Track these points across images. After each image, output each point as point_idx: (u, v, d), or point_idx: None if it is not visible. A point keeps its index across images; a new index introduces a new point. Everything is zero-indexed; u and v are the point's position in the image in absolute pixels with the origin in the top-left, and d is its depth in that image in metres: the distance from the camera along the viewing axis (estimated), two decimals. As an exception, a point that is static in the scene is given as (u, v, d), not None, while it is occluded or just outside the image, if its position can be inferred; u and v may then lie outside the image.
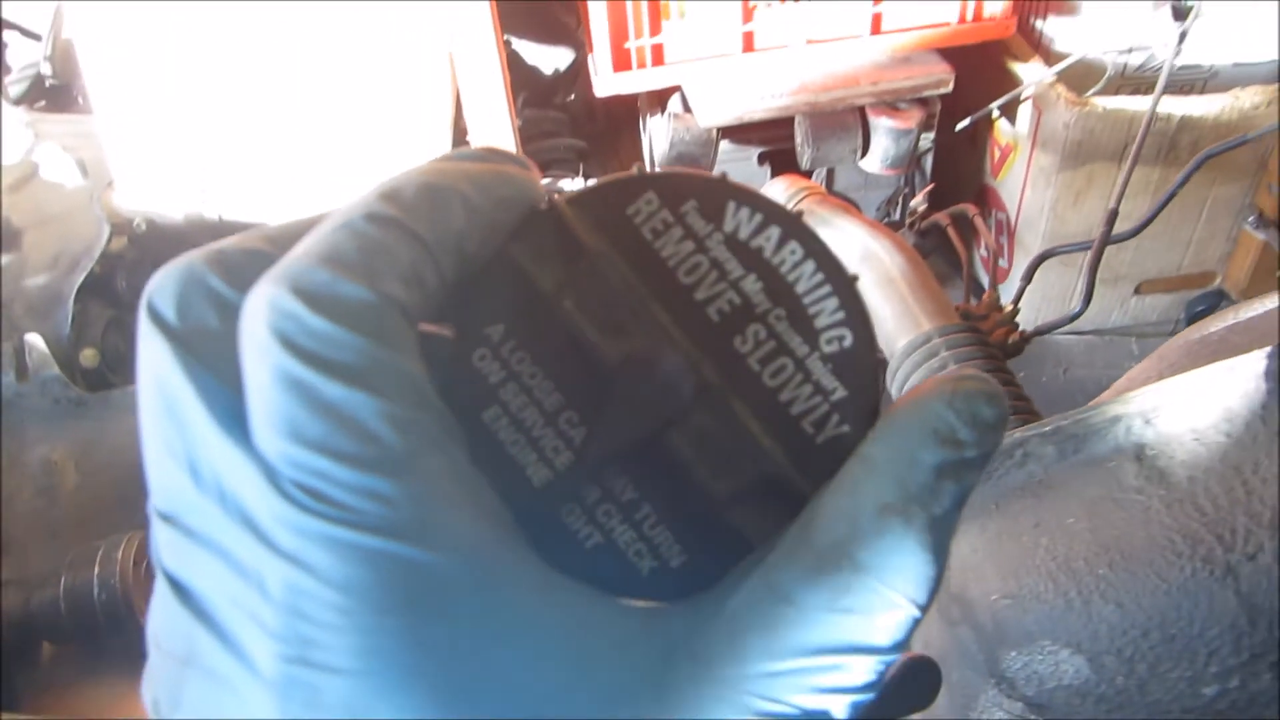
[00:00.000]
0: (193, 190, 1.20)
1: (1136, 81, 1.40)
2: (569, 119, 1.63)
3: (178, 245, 1.24)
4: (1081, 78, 1.37)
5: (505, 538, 0.18)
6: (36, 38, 1.48)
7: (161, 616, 0.18)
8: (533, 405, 0.21)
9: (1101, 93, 1.34)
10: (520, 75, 1.55)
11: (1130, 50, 1.37)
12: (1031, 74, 1.38)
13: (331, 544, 0.16)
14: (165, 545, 0.18)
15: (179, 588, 0.17)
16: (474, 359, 0.21)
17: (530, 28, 1.57)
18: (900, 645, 0.19)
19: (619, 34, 1.31)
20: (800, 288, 0.21)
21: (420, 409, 0.17)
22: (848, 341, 0.21)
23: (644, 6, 1.29)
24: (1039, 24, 1.43)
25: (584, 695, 0.17)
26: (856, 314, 0.21)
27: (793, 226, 0.21)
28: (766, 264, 0.21)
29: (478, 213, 0.20)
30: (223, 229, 1.19)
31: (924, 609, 0.18)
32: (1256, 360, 0.44)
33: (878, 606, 0.18)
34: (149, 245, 1.17)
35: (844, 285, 0.21)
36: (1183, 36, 1.11)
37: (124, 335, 1.11)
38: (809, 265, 0.21)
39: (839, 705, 0.18)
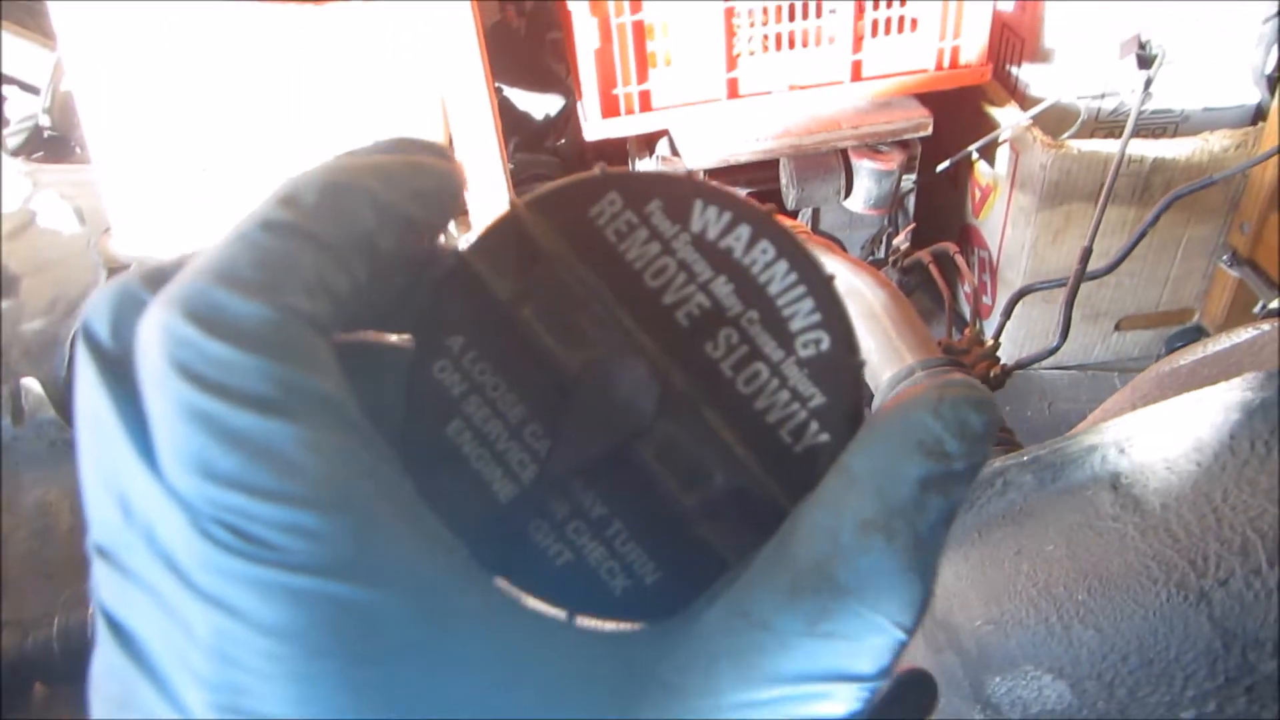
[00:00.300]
0: (193, 171, 1.22)
1: (1110, 125, 1.44)
2: (560, 162, 1.66)
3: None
4: (1057, 121, 1.41)
5: (449, 565, 0.17)
6: (35, 91, 1.51)
7: (100, 659, 0.17)
8: (496, 418, 0.20)
9: (1076, 136, 1.38)
10: (511, 120, 1.58)
11: (1102, 95, 1.41)
12: (1008, 118, 1.42)
13: (256, 585, 0.15)
14: (102, 582, 0.17)
15: (116, 627, 0.16)
16: (434, 370, 0.20)
17: (521, 76, 1.61)
18: (885, 671, 0.17)
19: (607, 81, 1.34)
20: (773, 289, 0.20)
21: (341, 431, 0.16)
22: (825, 344, 0.20)
23: (631, 54, 1.33)
24: (1014, 70, 1.47)
25: None
26: (834, 315, 0.20)
27: (764, 225, 0.20)
28: (737, 264, 0.20)
29: (389, 209, 0.18)
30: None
31: (910, 632, 0.17)
32: (1224, 392, 0.46)
33: (861, 631, 0.17)
34: (144, 289, 1.18)
35: (820, 285, 0.20)
36: (1148, 83, 1.15)
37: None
38: (781, 265, 0.20)
39: None
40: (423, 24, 1.18)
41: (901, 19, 1.37)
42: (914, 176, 1.45)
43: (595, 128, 1.39)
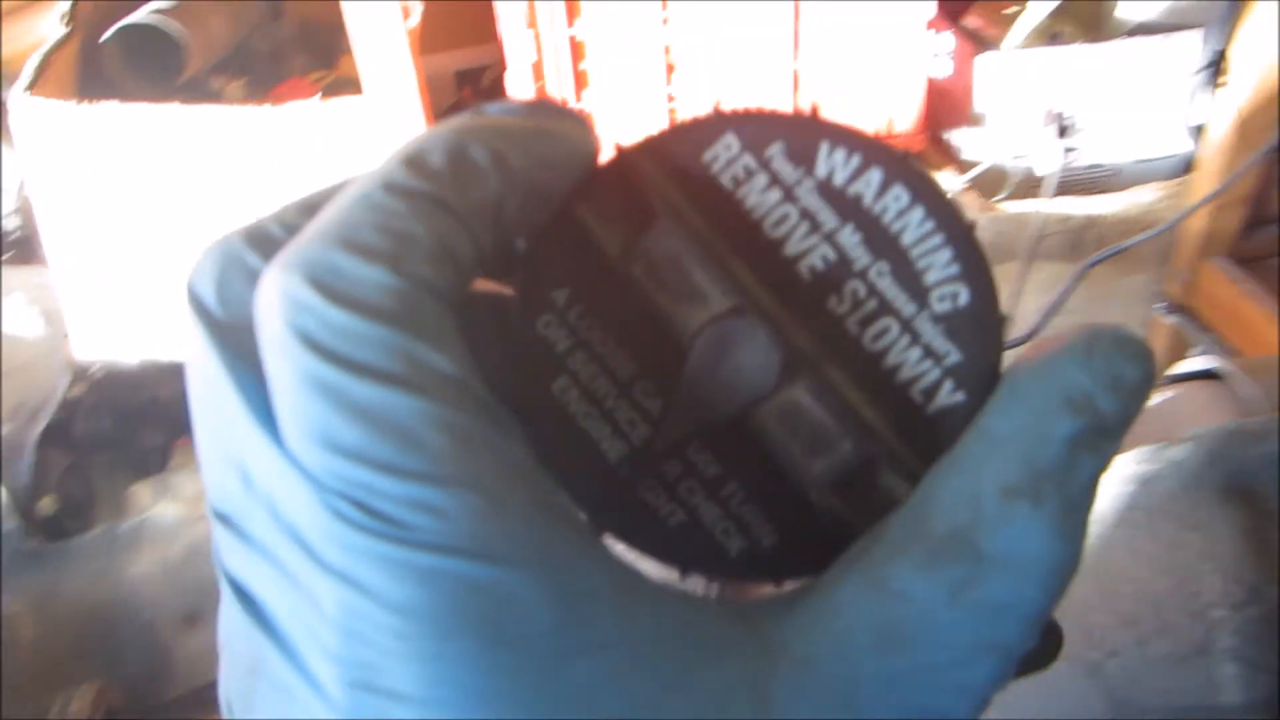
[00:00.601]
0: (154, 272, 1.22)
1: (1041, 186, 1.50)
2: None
3: (134, 389, 1.27)
4: (991, 184, 1.46)
5: (576, 540, 0.16)
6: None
7: (228, 619, 0.17)
8: (604, 375, 0.20)
9: (1010, 197, 1.44)
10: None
11: (1030, 157, 1.47)
12: (945, 182, 1.48)
13: (384, 562, 0.15)
14: (225, 547, 0.16)
15: (241, 593, 0.16)
16: (539, 325, 0.20)
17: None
18: (1031, 641, 0.17)
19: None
20: (907, 238, 0.19)
21: (465, 405, 0.16)
22: (963, 299, 0.18)
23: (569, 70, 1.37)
24: (948, 137, 1.53)
25: (679, 705, 0.16)
26: (974, 267, 0.18)
27: (899, 168, 0.19)
28: (866, 212, 0.19)
29: (516, 176, 0.17)
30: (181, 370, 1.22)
31: (1057, 598, 0.17)
32: (1121, 463, 0.49)
33: (1006, 601, 0.16)
34: (106, 390, 1.21)
35: (960, 234, 0.18)
36: (1068, 151, 1.20)
37: (81, 481, 1.13)
38: (917, 212, 0.19)
39: (963, 706, 0.16)
40: (377, 119, 1.23)
41: (839, 87, 1.43)
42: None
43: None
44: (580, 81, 1.39)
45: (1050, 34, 1.42)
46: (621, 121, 1.42)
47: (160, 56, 1.39)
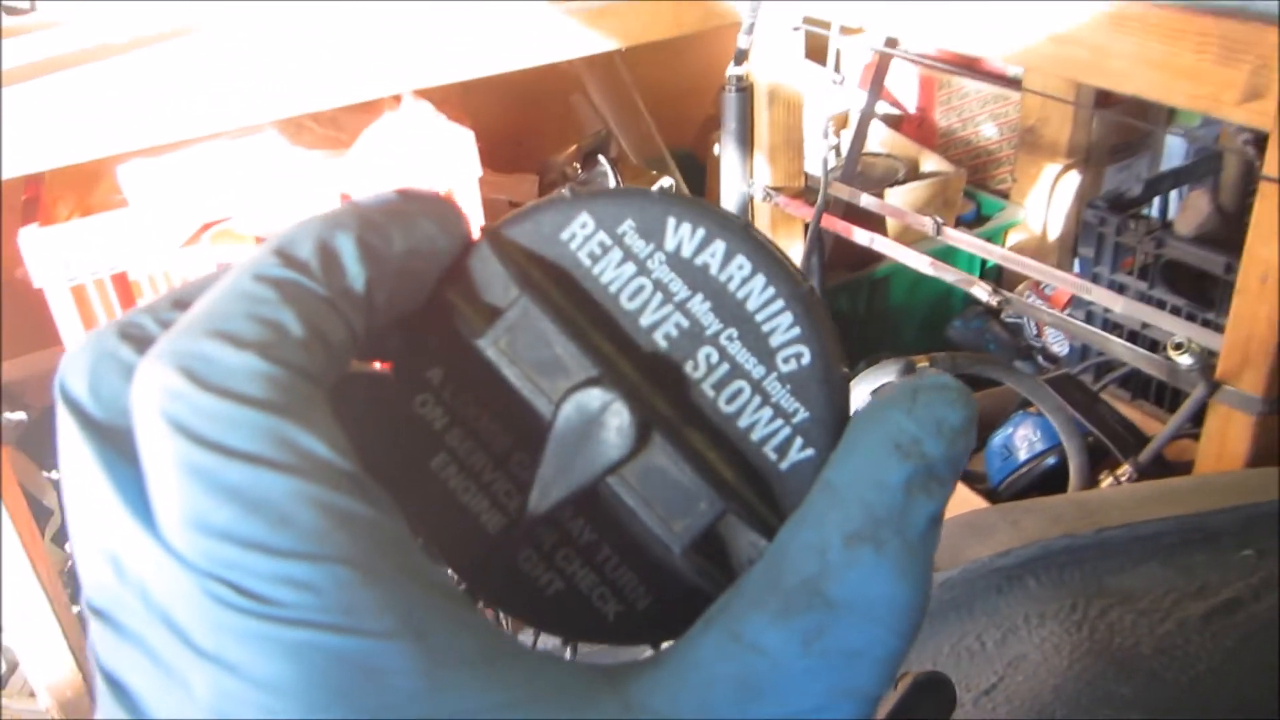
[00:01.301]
0: None
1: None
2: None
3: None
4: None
5: (447, 609, 0.17)
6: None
7: (104, 717, 0.17)
8: (481, 449, 0.21)
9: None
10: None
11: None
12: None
13: (253, 640, 0.15)
14: (99, 641, 0.17)
15: (115, 685, 0.16)
16: (416, 405, 0.21)
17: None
18: (886, 682, 0.17)
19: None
20: (751, 304, 0.20)
21: (336, 483, 0.16)
22: (806, 359, 0.20)
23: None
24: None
25: None
26: (814, 328, 0.20)
27: (740, 239, 0.20)
28: (714, 281, 0.20)
29: (383, 261, 0.18)
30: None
31: (909, 639, 0.17)
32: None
33: (857, 645, 0.17)
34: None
35: (798, 298, 0.20)
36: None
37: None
38: (758, 280, 0.20)
39: None
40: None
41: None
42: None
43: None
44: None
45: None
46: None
47: None
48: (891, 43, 1.24)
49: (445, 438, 0.21)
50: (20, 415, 1.25)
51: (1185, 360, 0.75)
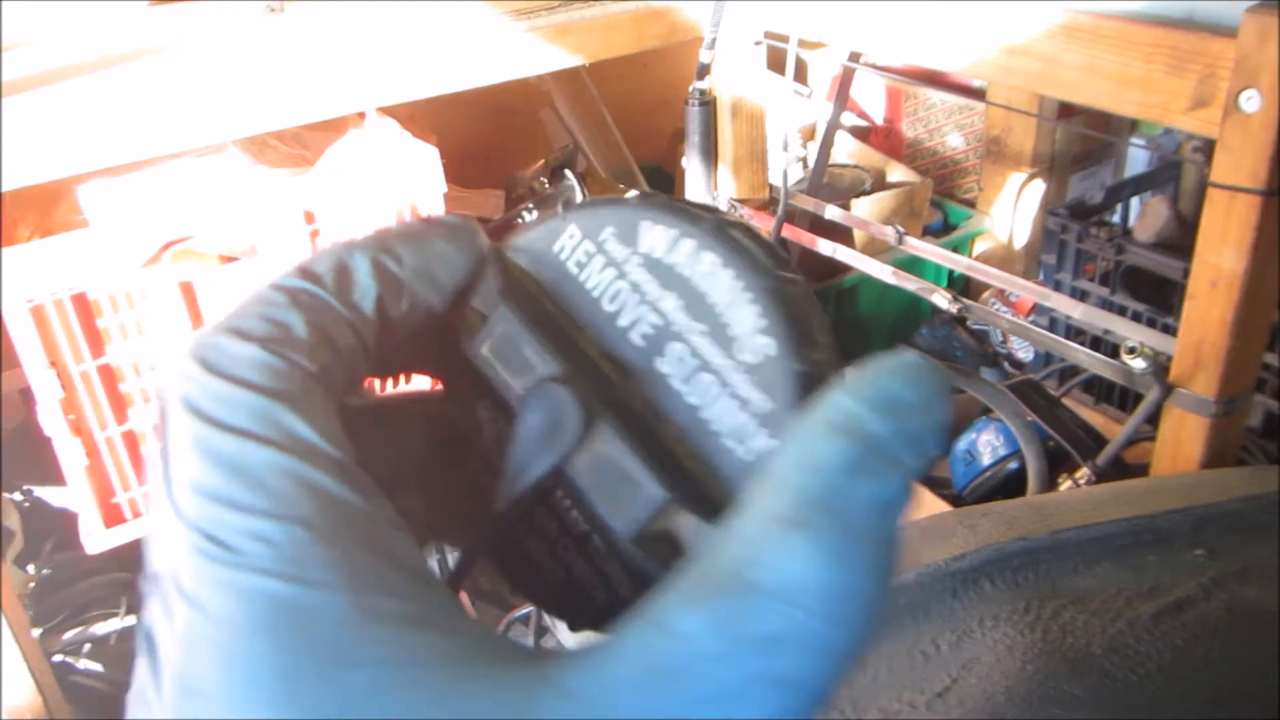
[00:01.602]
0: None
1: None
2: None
3: None
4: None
5: (390, 577, 0.18)
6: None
7: (137, 670, 0.19)
8: (496, 439, 0.23)
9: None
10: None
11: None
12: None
13: (218, 584, 0.17)
14: (148, 604, 0.19)
15: (148, 641, 0.18)
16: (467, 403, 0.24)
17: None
18: (826, 674, 0.16)
19: (105, 491, 1.03)
20: (719, 299, 0.20)
21: (315, 461, 0.18)
22: (772, 350, 0.20)
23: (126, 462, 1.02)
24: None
25: None
26: (780, 320, 0.20)
27: (710, 235, 0.21)
28: (683, 279, 0.21)
29: (394, 279, 0.21)
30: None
31: (855, 627, 0.16)
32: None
33: (779, 632, 0.16)
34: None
35: (767, 289, 0.20)
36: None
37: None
38: (726, 274, 0.20)
39: None
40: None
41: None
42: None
43: (98, 539, 1.02)
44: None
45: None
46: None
47: None
48: (855, 56, 1.25)
49: (482, 433, 0.23)
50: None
51: (1139, 364, 0.76)
